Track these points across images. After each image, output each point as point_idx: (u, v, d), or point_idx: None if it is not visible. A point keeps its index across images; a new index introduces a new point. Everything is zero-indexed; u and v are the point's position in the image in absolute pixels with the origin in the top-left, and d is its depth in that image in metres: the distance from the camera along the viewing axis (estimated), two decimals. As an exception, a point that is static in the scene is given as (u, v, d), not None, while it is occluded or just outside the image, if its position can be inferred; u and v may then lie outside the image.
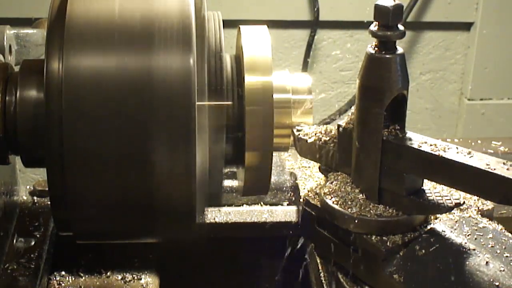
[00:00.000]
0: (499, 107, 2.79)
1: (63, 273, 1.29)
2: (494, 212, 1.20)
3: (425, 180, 1.12)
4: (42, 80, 1.01)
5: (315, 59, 2.71)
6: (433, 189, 1.11)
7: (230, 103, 1.17)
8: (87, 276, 1.29)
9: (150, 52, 1.00)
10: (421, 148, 1.07)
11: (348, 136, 1.15)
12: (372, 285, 1.12)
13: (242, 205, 1.40)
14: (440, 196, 1.10)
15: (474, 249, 1.07)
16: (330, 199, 1.15)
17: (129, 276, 1.29)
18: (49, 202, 1.18)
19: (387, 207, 1.12)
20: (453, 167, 1.03)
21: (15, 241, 1.26)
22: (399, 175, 1.09)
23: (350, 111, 1.16)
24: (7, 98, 1.08)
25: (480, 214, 1.16)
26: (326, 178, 1.21)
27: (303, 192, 1.26)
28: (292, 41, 2.68)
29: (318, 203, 1.19)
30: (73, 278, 1.28)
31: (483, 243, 1.08)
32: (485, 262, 1.05)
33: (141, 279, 1.29)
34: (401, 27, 1.08)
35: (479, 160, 1.02)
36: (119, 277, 1.29)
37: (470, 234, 1.10)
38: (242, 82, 1.16)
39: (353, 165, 1.15)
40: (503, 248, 1.08)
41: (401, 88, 1.08)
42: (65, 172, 1.01)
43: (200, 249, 1.32)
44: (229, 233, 1.37)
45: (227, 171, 1.28)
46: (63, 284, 1.26)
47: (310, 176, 1.39)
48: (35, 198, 1.38)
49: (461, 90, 2.81)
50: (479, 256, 1.06)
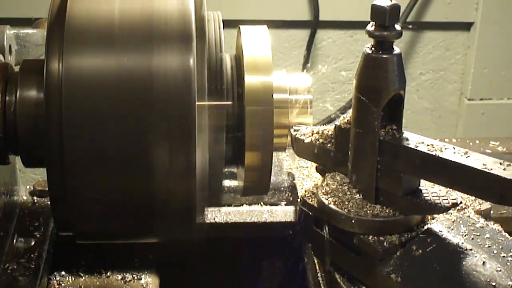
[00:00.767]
0: (499, 107, 2.78)
1: (63, 273, 1.28)
2: (494, 212, 1.20)
3: (422, 180, 1.12)
4: (42, 80, 1.02)
5: (315, 59, 2.71)
6: (430, 189, 1.11)
7: (230, 103, 1.18)
8: (87, 276, 1.29)
9: (150, 52, 1.00)
10: (418, 148, 1.07)
11: (345, 136, 1.15)
12: (369, 285, 1.12)
13: (242, 205, 1.40)
14: (437, 196, 1.10)
15: (471, 249, 1.07)
16: (327, 199, 1.15)
17: (129, 276, 1.29)
18: (49, 202, 1.18)
19: (384, 207, 1.12)
20: (450, 167, 1.03)
21: (15, 241, 1.26)
22: (396, 175, 1.09)
23: (349, 111, 1.16)
24: (7, 98, 1.08)
25: (477, 214, 1.16)
26: (323, 178, 1.22)
27: (301, 192, 1.26)
28: (292, 41, 2.68)
29: (315, 203, 1.19)
30: (73, 278, 1.28)
31: (480, 243, 1.08)
32: (482, 262, 1.05)
33: (141, 279, 1.29)
34: (398, 27, 1.08)
35: (476, 160, 1.02)
36: (119, 277, 1.29)
37: (467, 234, 1.10)
38: (242, 82, 1.16)
39: (350, 165, 1.15)
40: (500, 248, 1.08)
41: (398, 88, 1.09)
42: (65, 172, 1.01)
43: (200, 249, 1.32)
44: (229, 233, 1.37)
45: (226, 171, 1.29)
46: (63, 284, 1.26)
47: (308, 176, 1.39)
48: (35, 198, 1.38)
49: (461, 90, 2.81)
50: (476, 256, 1.06)
